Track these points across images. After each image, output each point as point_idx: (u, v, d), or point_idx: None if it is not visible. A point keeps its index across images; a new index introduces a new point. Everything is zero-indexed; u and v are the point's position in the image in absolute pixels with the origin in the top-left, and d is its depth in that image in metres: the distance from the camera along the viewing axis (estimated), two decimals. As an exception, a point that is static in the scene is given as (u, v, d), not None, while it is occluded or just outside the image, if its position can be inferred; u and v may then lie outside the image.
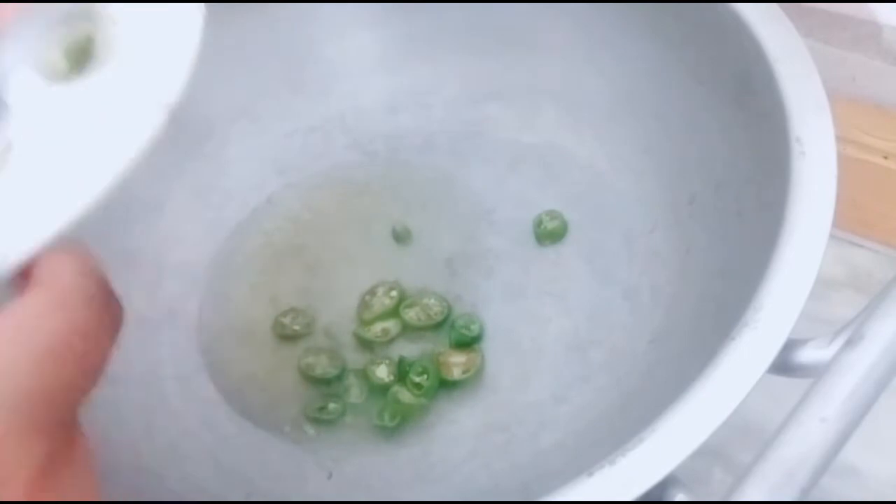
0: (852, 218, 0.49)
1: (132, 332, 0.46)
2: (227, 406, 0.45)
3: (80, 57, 0.28)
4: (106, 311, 0.26)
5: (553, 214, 0.49)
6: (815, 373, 0.29)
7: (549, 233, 0.48)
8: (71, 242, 0.26)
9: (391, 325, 0.46)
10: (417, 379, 0.43)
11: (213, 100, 0.53)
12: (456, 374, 0.44)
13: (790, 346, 0.30)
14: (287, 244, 0.51)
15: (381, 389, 0.44)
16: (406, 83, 0.55)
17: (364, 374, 0.45)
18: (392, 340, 0.46)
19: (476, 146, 0.53)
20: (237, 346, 0.47)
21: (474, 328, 0.45)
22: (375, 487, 0.41)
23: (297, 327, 0.47)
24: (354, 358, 0.46)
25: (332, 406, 0.44)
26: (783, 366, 0.30)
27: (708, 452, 0.28)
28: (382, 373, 0.44)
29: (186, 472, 0.41)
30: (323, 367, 0.45)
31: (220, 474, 0.42)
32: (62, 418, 0.24)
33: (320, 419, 0.43)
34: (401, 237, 0.50)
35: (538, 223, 0.48)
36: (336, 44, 0.54)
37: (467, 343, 0.45)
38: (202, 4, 0.29)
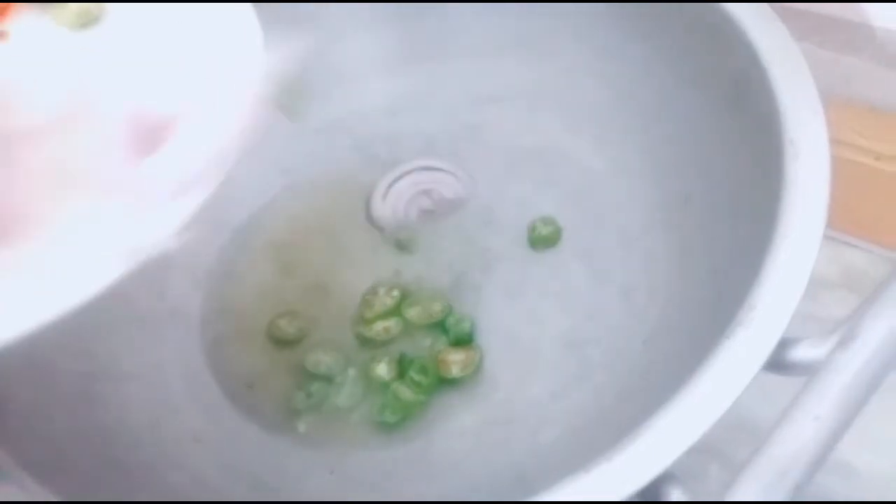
0: (845, 218, 0.49)
1: (137, 331, 0.47)
2: (230, 404, 0.45)
3: None
4: None
5: (547, 220, 0.49)
6: (808, 371, 0.29)
7: (543, 238, 0.48)
8: None
9: (392, 323, 0.46)
10: (417, 377, 0.44)
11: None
12: (455, 371, 0.44)
13: (784, 344, 0.30)
14: (289, 245, 0.51)
15: (382, 386, 0.44)
16: (407, 85, 0.55)
17: (365, 372, 0.45)
18: (393, 339, 0.46)
19: (475, 148, 0.53)
20: (240, 344, 0.47)
21: (464, 325, 0.45)
22: (376, 483, 0.41)
23: (291, 331, 0.47)
24: (356, 357, 0.46)
25: (314, 387, 0.44)
26: (777, 364, 0.30)
27: (703, 449, 0.28)
28: (383, 370, 0.45)
29: (190, 469, 0.42)
30: (328, 365, 0.45)
31: (224, 471, 0.42)
32: None
33: (308, 406, 0.44)
34: (403, 244, 0.50)
35: (532, 229, 0.49)
36: (337, 46, 0.54)
37: (462, 340, 0.45)
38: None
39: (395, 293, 0.47)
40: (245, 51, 0.34)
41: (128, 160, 0.28)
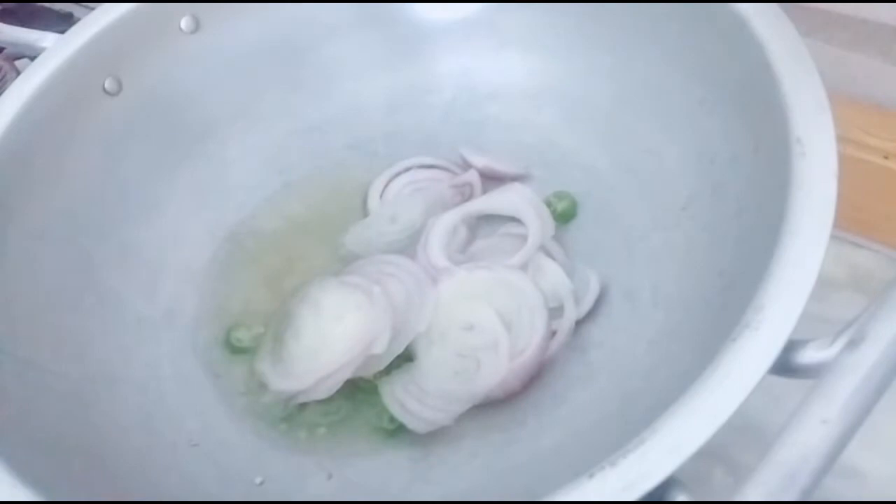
0: (853, 218, 0.49)
1: (131, 332, 0.47)
2: (225, 407, 0.45)
3: None
4: None
5: (560, 195, 0.49)
6: (816, 374, 0.28)
7: (561, 214, 0.48)
8: None
9: None
10: None
11: (211, 98, 0.53)
12: None
13: (791, 347, 0.30)
14: (286, 244, 0.51)
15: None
16: (406, 83, 0.55)
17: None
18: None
19: (476, 146, 0.53)
20: (236, 346, 0.47)
21: None
22: (375, 488, 0.41)
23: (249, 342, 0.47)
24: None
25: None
26: (784, 367, 0.30)
27: (709, 453, 0.28)
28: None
29: (185, 472, 0.41)
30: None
31: (220, 475, 0.42)
32: None
33: (285, 413, 0.44)
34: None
35: (547, 204, 0.49)
36: (336, 44, 0.54)
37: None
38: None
39: None
40: None
41: None
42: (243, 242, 0.52)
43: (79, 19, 0.49)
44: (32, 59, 0.48)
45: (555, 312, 0.45)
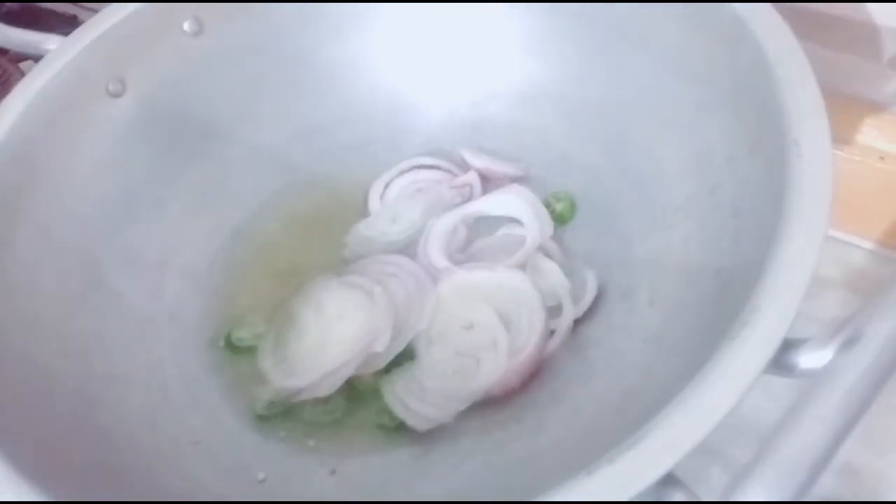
0: (848, 218, 0.49)
1: (135, 332, 0.47)
2: (228, 405, 0.45)
3: None
4: None
5: (559, 196, 0.49)
6: (812, 373, 0.29)
7: (560, 215, 0.49)
8: None
9: None
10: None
11: (213, 100, 0.53)
12: None
13: (787, 346, 0.30)
14: (288, 244, 0.51)
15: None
16: (406, 84, 0.55)
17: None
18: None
19: (476, 147, 0.53)
20: (238, 345, 0.48)
21: None
22: (377, 485, 0.41)
23: (251, 341, 0.47)
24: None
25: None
26: (780, 366, 0.30)
27: (706, 451, 0.28)
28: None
29: (188, 469, 0.41)
30: None
31: (222, 472, 0.42)
32: None
33: (271, 412, 0.44)
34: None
35: (545, 205, 0.49)
36: (336, 44, 0.54)
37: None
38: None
39: None
40: None
41: None
42: (246, 243, 0.52)
43: (82, 21, 0.49)
44: (36, 60, 0.48)
45: (553, 311, 0.45)
